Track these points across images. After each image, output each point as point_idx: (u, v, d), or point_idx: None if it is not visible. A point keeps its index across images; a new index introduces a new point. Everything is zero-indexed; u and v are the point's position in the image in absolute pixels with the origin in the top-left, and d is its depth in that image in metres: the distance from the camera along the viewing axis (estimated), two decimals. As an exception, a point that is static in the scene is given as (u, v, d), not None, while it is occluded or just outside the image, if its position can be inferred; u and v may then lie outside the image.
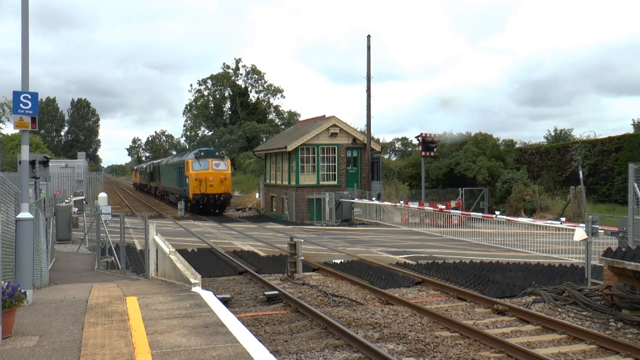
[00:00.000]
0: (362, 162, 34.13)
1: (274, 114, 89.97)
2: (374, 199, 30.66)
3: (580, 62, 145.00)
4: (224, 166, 37.89)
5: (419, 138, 34.48)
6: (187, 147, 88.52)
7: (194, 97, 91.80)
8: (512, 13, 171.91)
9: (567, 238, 17.33)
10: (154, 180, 59.47)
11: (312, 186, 32.92)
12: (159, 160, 61.14)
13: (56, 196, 26.95)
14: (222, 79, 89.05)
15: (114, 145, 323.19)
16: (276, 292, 11.77)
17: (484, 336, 8.63)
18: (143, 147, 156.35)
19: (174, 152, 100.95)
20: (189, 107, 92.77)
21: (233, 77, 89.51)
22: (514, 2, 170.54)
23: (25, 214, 8.91)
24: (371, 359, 7.74)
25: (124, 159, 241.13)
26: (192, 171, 36.84)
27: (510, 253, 18.43)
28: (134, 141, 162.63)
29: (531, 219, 21.81)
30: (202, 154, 37.93)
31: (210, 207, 37.16)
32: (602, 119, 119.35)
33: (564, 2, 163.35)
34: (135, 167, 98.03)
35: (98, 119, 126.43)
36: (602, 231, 13.49)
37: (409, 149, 71.50)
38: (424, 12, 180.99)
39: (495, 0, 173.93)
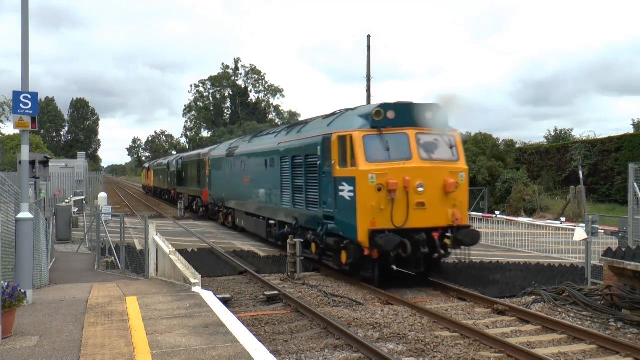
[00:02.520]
0: (362, 162, 33.98)
1: (274, 114, 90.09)
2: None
3: (582, 62, 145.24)
4: (446, 150, 13.23)
5: (419, 138, 34.27)
6: (187, 147, 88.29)
7: (193, 98, 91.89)
8: (515, 13, 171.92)
9: (567, 238, 17.34)
10: (185, 184, 37.39)
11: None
12: (209, 149, 32.53)
13: (56, 196, 26.97)
14: (220, 80, 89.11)
15: (114, 145, 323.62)
16: (276, 292, 11.77)
17: (484, 336, 8.63)
18: (143, 147, 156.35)
19: (174, 152, 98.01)
20: (188, 109, 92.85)
21: (233, 77, 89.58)
22: (517, 2, 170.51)
23: (25, 214, 8.91)
24: (371, 359, 7.74)
25: (125, 159, 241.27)
26: (364, 165, 12.21)
27: (510, 253, 18.42)
28: (134, 141, 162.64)
29: (531, 219, 21.82)
30: (391, 114, 12.67)
31: (414, 264, 12.26)
32: (603, 119, 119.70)
33: (567, 3, 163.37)
34: (148, 165, 72.87)
35: (98, 119, 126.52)
36: (602, 231, 13.50)
37: (409, 149, 71.32)
38: (426, 11, 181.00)
39: (499, 0, 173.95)
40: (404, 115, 12.77)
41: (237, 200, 22.71)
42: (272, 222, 18.11)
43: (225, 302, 9.90)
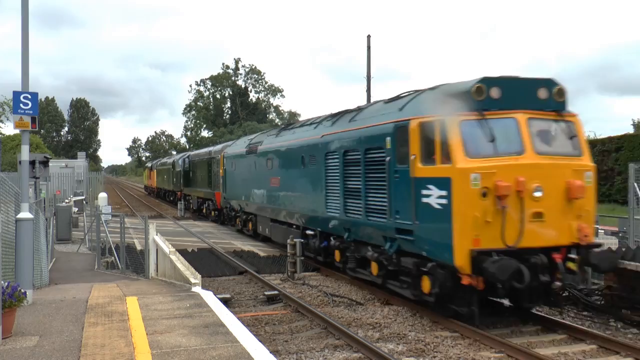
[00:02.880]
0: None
1: (274, 114, 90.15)
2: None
3: (583, 62, 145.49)
4: (566, 142, 9.61)
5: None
6: (187, 147, 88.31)
7: (193, 98, 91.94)
8: (516, 14, 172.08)
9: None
10: (193, 185, 35.31)
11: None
12: (222, 145, 29.54)
13: (56, 196, 26.96)
14: (220, 80, 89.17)
15: (114, 145, 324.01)
16: (276, 292, 11.77)
17: (484, 336, 8.62)
18: (143, 147, 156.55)
19: (174, 152, 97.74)
20: (188, 108, 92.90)
21: (233, 77, 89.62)
22: (518, 2, 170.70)
23: (25, 214, 8.92)
24: (371, 359, 7.74)
25: (125, 159, 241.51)
26: (463, 161, 8.84)
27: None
28: (134, 141, 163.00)
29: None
30: (496, 92, 9.29)
31: (529, 296, 9.29)
32: (604, 118, 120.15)
33: (567, 3, 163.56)
34: (150, 164, 68.36)
35: (98, 119, 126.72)
36: (602, 231, 13.49)
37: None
38: (426, 11, 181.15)
39: (499, 1, 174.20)
40: (512, 93, 9.41)
41: (262, 204, 19.26)
42: (309, 232, 14.83)
43: (225, 302, 9.90)
